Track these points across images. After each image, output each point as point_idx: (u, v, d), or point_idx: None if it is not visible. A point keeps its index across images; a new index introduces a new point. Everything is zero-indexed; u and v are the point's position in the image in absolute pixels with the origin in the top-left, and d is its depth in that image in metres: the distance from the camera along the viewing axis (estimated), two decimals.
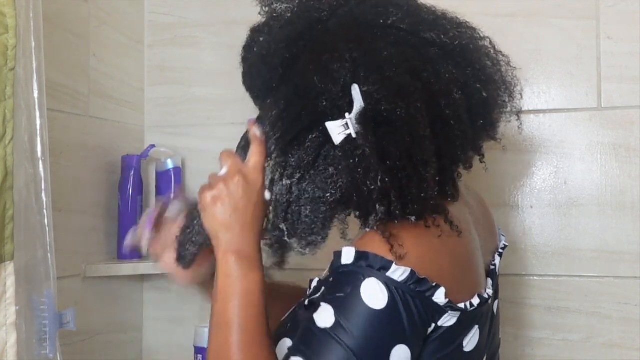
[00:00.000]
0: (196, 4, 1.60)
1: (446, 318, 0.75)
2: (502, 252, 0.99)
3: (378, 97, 0.75)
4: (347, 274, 0.74)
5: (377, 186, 0.74)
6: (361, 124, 0.75)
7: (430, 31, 0.81)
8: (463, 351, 0.80)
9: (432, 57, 0.80)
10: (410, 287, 0.72)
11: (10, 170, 0.90)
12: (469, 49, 0.84)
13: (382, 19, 0.81)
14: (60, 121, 1.30)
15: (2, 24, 0.90)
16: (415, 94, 0.76)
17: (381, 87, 0.75)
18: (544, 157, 1.37)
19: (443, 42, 0.81)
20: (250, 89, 0.88)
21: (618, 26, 1.33)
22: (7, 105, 0.90)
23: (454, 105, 0.79)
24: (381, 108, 0.75)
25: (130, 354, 1.55)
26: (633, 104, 1.32)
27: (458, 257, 0.80)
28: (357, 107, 0.76)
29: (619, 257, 1.31)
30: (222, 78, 1.56)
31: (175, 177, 1.52)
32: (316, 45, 0.80)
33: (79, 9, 1.39)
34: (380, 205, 0.74)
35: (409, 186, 0.75)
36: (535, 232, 1.37)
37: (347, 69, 0.76)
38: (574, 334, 1.33)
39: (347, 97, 0.76)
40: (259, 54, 0.84)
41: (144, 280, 1.59)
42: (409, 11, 0.83)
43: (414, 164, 0.74)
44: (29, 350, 0.92)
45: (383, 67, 0.76)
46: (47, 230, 0.95)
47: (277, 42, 0.82)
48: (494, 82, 0.86)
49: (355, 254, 0.74)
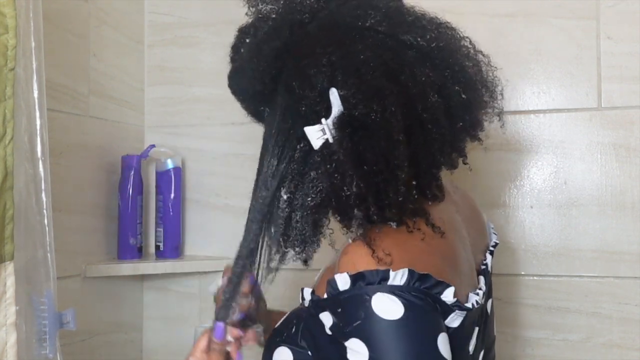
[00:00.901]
0: (196, 4, 1.60)
1: (452, 318, 0.75)
2: (492, 250, 0.98)
3: (354, 101, 0.75)
4: (352, 299, 0.72)
5: (353, 191, 0.74)
6: (338, 129, 0.75)
7: (408, 33, 0.81)
8: (469, 355, 0.80)
9: (410, 59, 0.79)
10: (415, 286, 0.72)
11: (10, 170, 0.90)
12: (448, 50, 0.83)
13: (361, 21, 0.80)
14: (60, 121, 1.30)
15: (2, 24, 0.90)
16: (391, 98, 0.75)
17: (357, 91, 0.75)
18: (544, 157, 1.37)
19: (420, 44, 0.81)
20: (236, 92, 0.90)
21: (618, 26, 1.33)
22: (7, 105, 0.90)
23: (430, 109, 0.78)
24: (357, 112, 0.75)
25: (130, 354, 1.55)
26: (633, 104, 1.32)
27: (446, 257, 0.80)
28: (335, 111, 0.76)
29: (619, 257, 1.31)
30: (222, 78, 1.54)
31: (175, 177, 1.52)
32: (296, 51, 0.80)
33: (79, 9, 1.39)
34: (358, 210, 0.74)
35: (385, 190, 0.74)
36: (535, 232, 1.37)
37: (324, 73, 0.76)
38: (573, 334, 1.33)
39: (325, 102, 0.76)
40: (247, 61, 0.85)
41: (144, 280, 1.59)
42: (388, 13, 0.82)
43: (390, 168, 0.74)
44: (29, 350, 0.92)
45: (360, 69, 0.76)
46: (47, 230, 0.95)
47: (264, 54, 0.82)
48: (474, 83, 0.85)
49: (349, 277, 0.73)
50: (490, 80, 0.88)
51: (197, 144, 1.58)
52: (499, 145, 1.36)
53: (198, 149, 1.58)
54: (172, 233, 1.52)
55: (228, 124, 1.56)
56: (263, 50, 0.82)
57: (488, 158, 1.36)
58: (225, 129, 1.56)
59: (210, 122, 1.58)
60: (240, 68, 0.86)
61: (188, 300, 1.57)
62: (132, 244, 1.47)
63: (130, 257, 1.47)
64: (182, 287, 1.58)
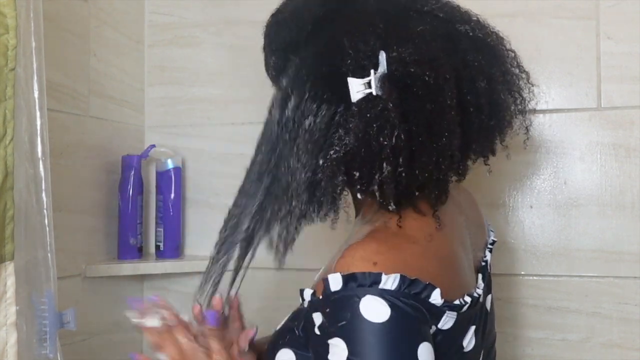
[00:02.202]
0: (196, 4, 1.60)
1: (445, 320, 0.75)
2: (491, 248, 0.99)
3: (409, 60, 0.74)
4: (341, 300, 0.72)
5: (391, 143, 0.72)
6: (383, 87, 0.74)
7: (464, 24, 0.82)
8: (463, 352, 0.79)
9: (464, 46, 0.80)
10: (405, 292, 0.71)
11: (10, 170, 0.90)
12: (498, 50, 0.85)
13: (419, 4, 0.82)
14: (60, 121, 1.30)
15: (2, 24, 0.90)
16: (446, 66, 0.75)
17: (413, 53, 0.75)
18: (544, 157, 1.37)
19: (476, 36, 0.82)
20: (270, 43, 0.87)
21: (618, 26, 1.33)
22: (7, 105, 0.90)
23: (477, 94, 0.79)
24: (410, 71, 0.74)
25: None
26: (633, 104, 1.32)
27: (443, 258, 0.79)
28: (381, 70, 0.75)
29: (619, 257, 1.31)
30: (222, 78, 1.56)
31: (175, 177, 1.52)
32: (351, 15, 0.80)
33: (79, 9, 1.39)
34: (388, 164, 0.72)
35: (420, 152, 0.74)
36: (535, 232, 1.37)
37: (379, 35, 0.76)
38: (573, 334, 1.33)
39: (374, 60, 0.75)
40: (292, 12, 0.84)
41: (144, 280, 1.59)
42: (447, 3, 0.84)
43: (431, 133, 0.74)
44: (29, 350, 0.92)
45: (416, 39, 0.76)
46: (47, 230, 0.95)
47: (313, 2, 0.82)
48: (514, 88, 0.87)
49: (342, 278, 0.72)
50: (527, 94, 0.89)
51: (197, 144, 1.58)
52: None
53: (198, 149, 1.58)
54: (172, 233, 1.52)
55: (228, 124, 1.56)
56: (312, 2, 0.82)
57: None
58: (225, 129, 1.56)
59: (210, 122, 1.58)
60: (282, 20, 0.85)
61: (188, 300, 1.57)
62: (132, 244, 1.47)
63: (131, 257, 1.47)
64: (182, 287, 1.57)
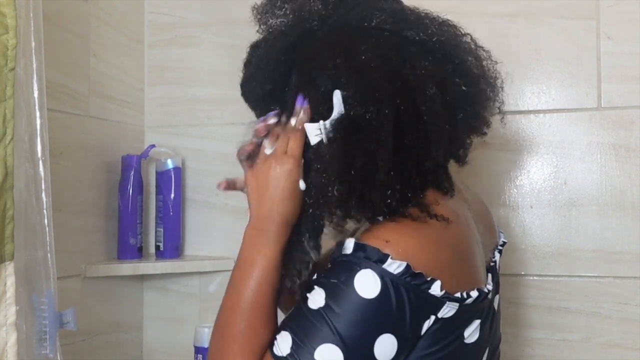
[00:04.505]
0: (196, 4, 1.60)
1: (445, 309, 0.77)
2: (501, 249, 1.00)
3: (353, 101, 0.79)
4: (344, 263, 0.77)
5: (334, 194, 0.78)
6: (334, 130, 0.80)
7: (411, 29, 0.85)
8: (464, 342, 0.81)
9: (412, 54, 0.83)
10: (405, 279, 0.74)
11: (10, 170, 0.90)
12: (449, 44, 0.86)
13: (367, 22, 0.85)
14: (60, 121, 1.30)
15: (2, 24, 0.90)
16: (389, 98, 0.79)
17: (357, 92, 0.79)
18: (544, 157, 1.37)
19: (422, 39, 0.84)
20: (249, 99, 0.92)
21: (618, 26, 1.33)
22: (7, 105, 0.90)
23: (428, 101, 0.81)
24: (354, 112, 0.79)
25: (130, 354, 1.55)
26: (633, 104, 1.32)
27: (456, 249, 0.82)
28: (335, 113, 0.80)
29: (619, 257, 1.31)
30: (222, 78, 1.56)
31: (175, 177, 1.52)
32: (305, 55, 0.84)
33: (79, 9, 1.39)
34: (340, 211, 0.81)
35: (369, 193, 0.79)
36: (535, 232, 1.37)
37: (329, 76, 0.80)
38: (573, 334, 1.33)
39: (328, 103, 0.80)
40: (256, 66, 0.88)
41: (144, 280, 1.59)
42: (392, 12, 0.86)
43: (374, 169, 0.78)
44: (29, 350, 0.92)
45: (362, 70, 0.80)
46: (47, 230, 0.95)
47: (273, 54, 0.86)
48: (475, 76, 0.88)
49: (354, 245, 0.77)
50: (490, 74, 0.90)
51: (197, 144, 1.58)
52: (499, 145, 1.36)
53: (198, 149, 1.58)
54: (172, 233, 1.52)
55: (228, 124, 1.56)
56: (272, 52, 0.86)
57: (488, 158, 1.36)
58: (225, 129, 1.56)
59: (210, 122, 1.58)
60: (251, 75, 0.90)
61: (188, 300, 1.57)
62: (132, 244, 1.47)
63: (130, 257, 1.47)
64: (182, 287, 1.58)
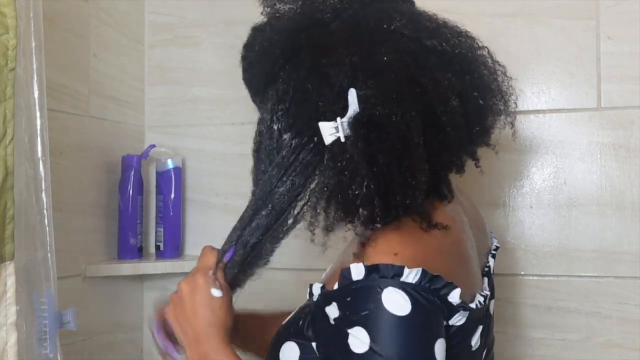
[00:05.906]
0: (196, 4, 1.60)
1: (457, 317, 0.76)
2: (494, 254, 1.00)
3: (375, 101, 0.75)
4: (363, 290, 0.73)
5: (362, 192, 0.74)
6: (352, 129, 0.76)
7: (431, 38, 0.82)
8: (471, 350, 0.81)
9: (432, 64, 0.80)
10: (425, 286, 0.73)
11: (10, 170, 0.90)
12: (468, 57, 0.84)
13: (385, 24, 0.81)
14: (60, 121, 1.30)
15: (2, 24, 0.90)
16: (412, 102, 0.76)
17: (378, 92, 0.76)
18: (544, 157, 1.37)
19: (444, 49, 0.82)
20: (250, 83, 0.89)
21: (618, 26, 1.33)
22: (7, 105, 0.90)
23: (450, 112, 0.79)
24: (376, 112, 0.75)
25: (131, 354, 1.55)
26: (633, 104, 1.32)
27: (458, 256, 0.81)
28: (351, 111, 0.76)
29: (619, 257, 1.31)
30: (222, 78, 1.56)
31: (175, 177, 1.52)
32: (317, 46, 0.80)
33: (79, 9, 1.39)
34: (363, 210, 0.75)
35: (394, 193, 0.75)
36: (535, 232, 1.37)
37: (345, 73, 0.77)
38: (573, 333, 1.33)
39: (342, 101, 0.77)
40: (260, 47, 0.85)
41: (144, 280, 1.59)
42: (412, 18, 0.83)
43: (402, 171, 0.75)
44: (29, 350, 0.92)
45: (382, 72, 0.76)
46: (47, 230, 0.95)
47: (278, 34, 0.83)
48: (491, 91, 0.87)
49: (365, 268, 0.74)
50: (505, 89, 0.89)
51: (197, 144, 1.58)
52: (499, 145, 1.36)
53: (198, 149, 1.58)
54: (172, 233, 1.52)
55: (228, 124, 1.56)
56: (279, 33, 0.82)
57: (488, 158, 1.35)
58: (225, 129, 1.56)
59: (210, 122, 1.58)
60: (255, 58, 0.86)
61: None
62: (132, 243, 1.47)
63: (131, 257, 1.47)
64: None
